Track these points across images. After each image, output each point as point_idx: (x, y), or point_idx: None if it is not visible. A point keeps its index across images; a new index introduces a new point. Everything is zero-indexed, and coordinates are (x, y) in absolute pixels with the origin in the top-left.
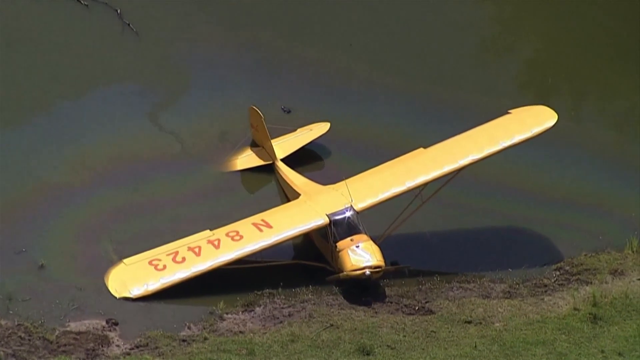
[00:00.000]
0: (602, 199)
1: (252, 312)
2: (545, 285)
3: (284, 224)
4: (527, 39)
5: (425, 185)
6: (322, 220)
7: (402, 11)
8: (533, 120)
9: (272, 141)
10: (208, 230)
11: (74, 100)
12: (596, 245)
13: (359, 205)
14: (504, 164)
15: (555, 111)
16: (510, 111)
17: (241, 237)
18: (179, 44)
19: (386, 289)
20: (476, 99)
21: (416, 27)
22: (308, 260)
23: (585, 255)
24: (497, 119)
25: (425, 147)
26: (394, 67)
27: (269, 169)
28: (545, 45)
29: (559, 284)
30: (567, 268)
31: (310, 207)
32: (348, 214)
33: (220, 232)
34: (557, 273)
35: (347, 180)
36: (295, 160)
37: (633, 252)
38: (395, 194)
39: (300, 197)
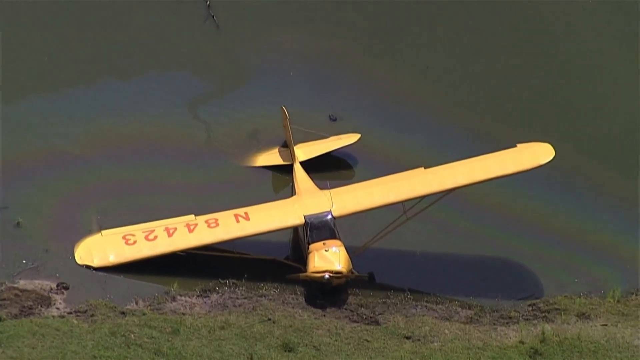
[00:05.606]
0: (607, 244)
1: (207, 298)
2: (510, 318)
3: (261, 219)
4: None
5: (419, 201)
6: (298, 221)
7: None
8: (530, 157)
9: (300, 144)
10: (193, 215)
11: (122, 78)
12: (584, 288)
13: (339, 212)
14: (511, 195)
15: None
16: (517, 145)
17: (217, 225)
18: (255, 44)
19: (350, 297)
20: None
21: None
22: (291, 259)
23: (564, 296)
24: (501, 150)
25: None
26: (468, 101)
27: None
28: None
29: (524, 319)
30: (541, 305)
31: (293, 207)
32: (325, 218)
33: (201, 218)
34: (529, 309)
35: (340, 189)
36: (326, 166)
37: (614, 300)
38: (375, 206)
39: (293, 197)
